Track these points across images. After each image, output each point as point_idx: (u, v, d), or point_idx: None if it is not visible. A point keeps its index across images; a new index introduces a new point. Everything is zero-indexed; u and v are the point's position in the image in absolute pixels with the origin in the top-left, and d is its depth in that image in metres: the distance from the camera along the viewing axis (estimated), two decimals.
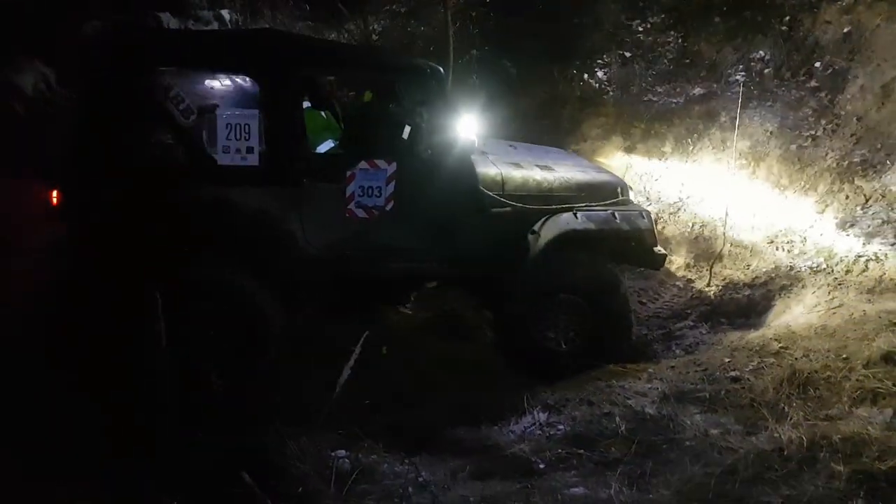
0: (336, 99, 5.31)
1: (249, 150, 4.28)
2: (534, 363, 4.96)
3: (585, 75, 9.01)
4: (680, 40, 8.83)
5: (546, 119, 8.79)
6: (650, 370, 4.68)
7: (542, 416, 4.21)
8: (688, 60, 8.52)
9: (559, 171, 5.11)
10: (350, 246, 4.60)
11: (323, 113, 4.90)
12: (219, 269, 4.44)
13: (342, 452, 3.67)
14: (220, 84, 5.16)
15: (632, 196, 5.36)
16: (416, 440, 4.15)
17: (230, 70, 4.80)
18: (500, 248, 4.83)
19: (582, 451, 3.79)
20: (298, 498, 3.07)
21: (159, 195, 4.25)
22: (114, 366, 4.06)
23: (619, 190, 5.18)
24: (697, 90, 8.20)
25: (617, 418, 4.01)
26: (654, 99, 8.40)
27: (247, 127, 4.26)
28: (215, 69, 4.86)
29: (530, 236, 4.86)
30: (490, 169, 4.86)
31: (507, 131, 7.21)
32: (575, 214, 4.92)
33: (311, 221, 4.49)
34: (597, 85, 8.93)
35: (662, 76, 8.57)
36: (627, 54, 9.06)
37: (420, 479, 3.57)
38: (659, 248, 5.22)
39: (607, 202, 5.06)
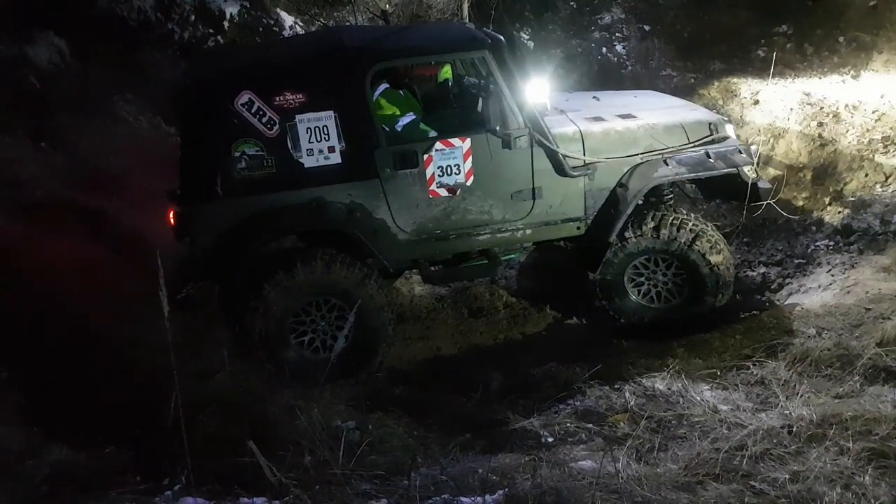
0: (414, 79, 5.24)
1: (331, 149, 4.49)
2: (631, 321, 5.02)
3: (604, 49, 8.89)
4: (700, 14, 8.69)
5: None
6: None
7: (552, 392, 4.22)
8: (707, 35, 8.37)
9: (644, 118, 4.93)
10: (439, 224, 4.71)
11: (402, 91, 4.91)
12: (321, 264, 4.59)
13: (351, 424, 3.72)
14: None
15: (730, 130, 5.10)
16: (426, 414, 4.20)
17: (311, 75, 4.68)
18: (588, 206, 4.82)
19: (591, 425, 3.80)
20: (306, 467, 3.12)
21: (260, 203, 4.47)
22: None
23: (712, 127, 4.95)
24: (717, 65, 8.07)
25: (627, 394, 4.01)
26: (673, 74, 8.28)
27: (325, 128, 4.45)
28: (297, 78, 4.69)
29: (618, 190, 4.78)
30: (567, 128, 4.78)
31: None
32: (665, 161, 4.78)
33: (398, 208, 4.62)
34: (615, 59, 8.82)
35: (681, 51, 8.44)
36: (647, 28, 8.92)
37: (428, 452, 3.60)
38: (763, 183, 5.02)
39: (701, 141, 4.88)
